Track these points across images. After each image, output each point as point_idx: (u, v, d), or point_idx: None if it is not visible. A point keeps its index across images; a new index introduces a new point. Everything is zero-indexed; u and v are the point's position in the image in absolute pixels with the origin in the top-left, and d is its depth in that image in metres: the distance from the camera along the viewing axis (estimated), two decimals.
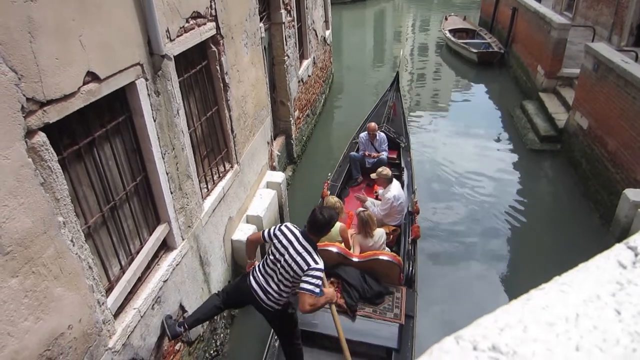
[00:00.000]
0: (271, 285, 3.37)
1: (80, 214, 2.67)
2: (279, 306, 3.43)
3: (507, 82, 12.93)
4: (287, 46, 7.38)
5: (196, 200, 4.04)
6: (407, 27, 23.34)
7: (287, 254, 3.28)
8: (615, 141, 6.58)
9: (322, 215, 3.29)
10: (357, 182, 6.75)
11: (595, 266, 0.60)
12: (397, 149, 7.12)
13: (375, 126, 6.80)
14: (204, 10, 4.04)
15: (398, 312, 4.12)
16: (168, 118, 3.49)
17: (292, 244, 3.30)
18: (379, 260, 4.29)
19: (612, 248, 0.64)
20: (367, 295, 4.21)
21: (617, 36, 11.44)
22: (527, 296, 0.56)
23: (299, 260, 3.22)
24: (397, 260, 4.36)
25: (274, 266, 3.35)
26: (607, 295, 0.55)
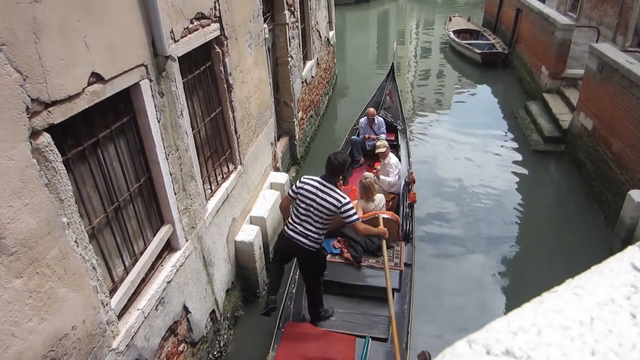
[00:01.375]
0: (309, 228, 3.87)
1: (84, 214, 2.67)
2: (318, 245, 3.96)
3: (510, 82, 12.89)
4: (291, 47, 7.38)
5: (200, 201, 4.04)
6: (411, 27, 23.34)
7: (317, 198, 3.82)
8: (620, 142, 6.54)
9: (336, 160, 3.90)
10: (359, 164, 7.36)
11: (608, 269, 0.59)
12: (394, 132, 7.79)
13: (373, 111, 7.48)
14: (208, 11, 4.05)
15: (398, 261, 4.77)
16: (172, 119, 3.49)
17: (317, 189, 3.85)
18: (379, 218, 4.73)
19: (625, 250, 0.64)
20: (369, 248, 4.84)
21: (622, 37, 11.40)
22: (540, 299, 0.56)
23: (329, 199, 3.79)
24: (395, 218, 4.94)
25: (306, 212, 3.87)
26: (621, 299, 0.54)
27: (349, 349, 3.88)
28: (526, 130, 9.41)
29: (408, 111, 11.37)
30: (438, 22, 22.33)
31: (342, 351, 3.87)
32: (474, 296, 5.48)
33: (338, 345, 3.94)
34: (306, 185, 3.90)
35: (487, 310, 5.26)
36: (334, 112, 11.34)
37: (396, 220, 4.94)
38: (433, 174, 8.22)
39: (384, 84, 9.21)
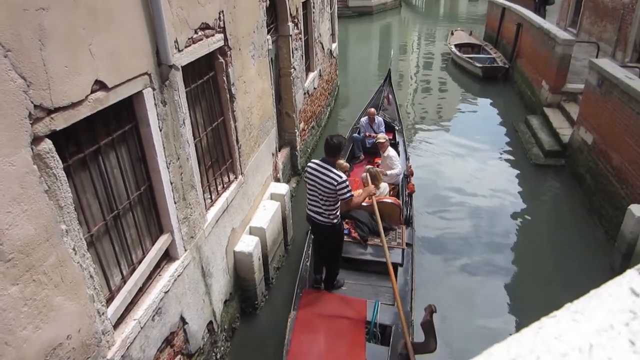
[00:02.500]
0: (320, 206, 4.41)
1: (83, 222, 2.66)
2: (335, 219, 4.46)
3: (511, 96, 12.94)
4: (294, 58, 7.42)
5: (200, 211, 4.03)
6: (413, 40, 23.50)
7: (318, 178, 4.31)
8: (619, 156, 6.55)
9: (332, 140, 4.37)
10: (359, 160, 7.81)
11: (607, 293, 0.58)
12: (392, 131, 8.32)
13: (374, 111, 8.07)
14: (212, 22, 4.07)
15: (400, 241, 5.33)
16: (174, 128, 3.50)
17: (317, 171, 4.33)
18: (383, 202, 5.39)
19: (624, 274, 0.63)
20: (375, 229, 5.21)
21: (621, 52, 11.47)
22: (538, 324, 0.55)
23: (327, 179, 4.24)
24: (397, 203, 5.60)
25: (314, 193, 4.40)
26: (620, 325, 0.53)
27: (362, 310, 4.45)
28: (527, 144, 9.43)
29: (409, 122, 11.45)
30: (440, 36, 22.50)
31: (356, 311, 4.44)
32: (472, 310, 5.45)
33: (351, 306, 4.52)
34: (310, 168, 4.42)
35: (487, 325, 5.23)
36: (336, 124, 11.37)
37: (398, 204, 5.60)
38: (433, 186, 8.22)
39: (381, 87, 9.95)
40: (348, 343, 4.15)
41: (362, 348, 4.06)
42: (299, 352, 4.07)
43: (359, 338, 4.17)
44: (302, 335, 4.23)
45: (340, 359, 4.03)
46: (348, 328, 4.29)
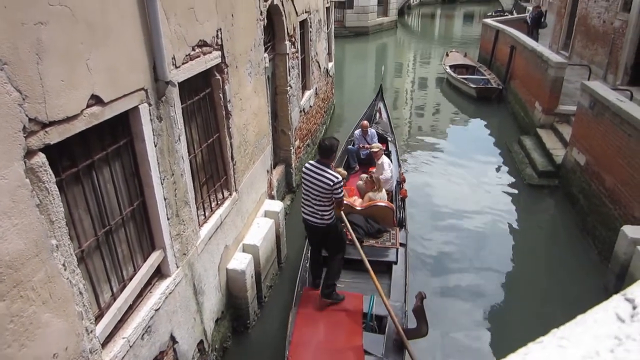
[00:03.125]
0: (314, 207, 4.50)
1: (74, 237, 2.62)
2: (329, 219, 4.55)
3: (505, 117, 13.07)
4: (290, 77, 7.47)
5: (193, 227, 4.00)
6: (409, 60, 23.80)
7: (313, 179, 4.41)
8: (612, 178, 6.59)
9: (324, 143, 4.52)
10: (354, 170, 7.98)
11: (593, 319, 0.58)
12: (385, 142, 8.64)
13: (367, 123, 8.42)
14: (210, 39, 4.10)
15: (394, 241, 5.66)
16: (169, 143, 3.49)
17: (313, 172, 4.43)
18: (377, 206, 5.81)
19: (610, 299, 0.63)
20: (370, 231, 5.67)
21: (612, 75, 11.65)
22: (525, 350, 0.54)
23: (323, 180, 4.34)
24: (390, 206, 5.91)
25: (308, 195, 4.51)
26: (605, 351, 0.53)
27: (359, 303, 4.72)
28: (520, 164, 9.48)
29: (404, 140, 11.54)
30: (435, 56, 22.80)
31: (353, 305, 4.70)
32: (460, 330, 5.40)
33: (349, 300, 4.77)
34: (306, 169, 4.52)
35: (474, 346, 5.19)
36: None
37: (391, 207, 5.93)
38: (427, 204, 8.24)
39: (374, 102, 10.40)
40: (346, 333, 4.41)
41: (359, 337, 4.33)
42: (300, 342, 4.30)
43: (356, 328, 4.44)
44: (304, 328, 4.45)
45: (339, 347, 4.27)
46: (346, 320, 4.56)
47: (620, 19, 11.52)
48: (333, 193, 4.37)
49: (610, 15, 12.16)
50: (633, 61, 10.86)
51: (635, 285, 0.65)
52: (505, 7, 35.04)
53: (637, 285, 0.64)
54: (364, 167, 7.85)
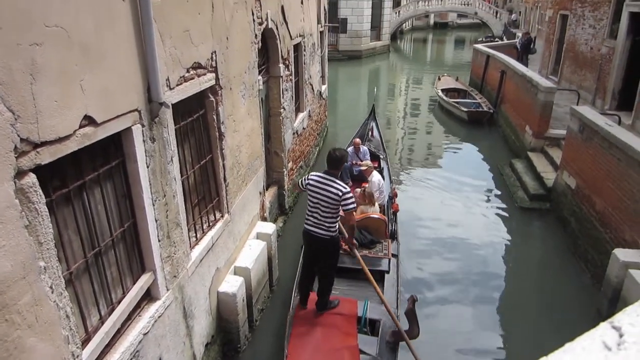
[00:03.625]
0: (319, 218, 4.47)
1: (62, 259, 2.58)
2: (333, 232, 4.54)
3: (496, 140, 13.21)
4: (284, 99, 7.52)
5: (184, 249, 3.96)
6: (401, 84, 24.12)
7: (322, 191, 4.38)
8: (603, 201, 6.64)
9: (335, 153, 4.54)
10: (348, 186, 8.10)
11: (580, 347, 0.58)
12: (377, 160, 8.97)
13: (359, 141, 8.69)
14: (204, 62, 4.14)
15: (387, 252, 5.94)
16: (161, 165, 3.48)
17: (321, 183, 4.41)
18: (371, 218, 6.04)
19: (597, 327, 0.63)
20: (363, 242, 5.90)
21: (601, 100, 11.86)
22: None
23: (332, 190, 4.33)
24: (382, 218, 6.20)
25: (315, 204, 4.45)
26: None
27: (353, 307, 4.94)
28: (512, 187, 9.55)
29: (397, 163, 11.61)
30: (427, 80, 23.14)
31: (348, 309, 4.92)
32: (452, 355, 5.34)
33: (344, 305, 4.98)
34: (312, 181, 4.48)
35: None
36: (324, 163, 11.38)
37: (384, 219, 6.21)
38: (419, 226, 8.23)
39: (366, 121, 10.86)
40: (342, 334, 4.61)
41: (354, 338, 4.54)
42: (299, 342, 4.49)
43: (351, 330, 4.65)
44: (301, 328, 4.67)
45: (336, 347, 4.47)
46: (341, 322, 4.76)
47: (607, 45, 11.80)
48: (341, 204, 4.33)
49: (598, 42, 12.46)
50: (620, 87, 11.09)
51: (621, 313, 0.65)
52: (496, 33, 35.81)
53: (623, 313, 0.64)
54: (357, 183, 7.98)
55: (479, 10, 38.84)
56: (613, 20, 11.53)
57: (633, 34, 10.51)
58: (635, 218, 5.74)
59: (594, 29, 12.82)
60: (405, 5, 40.53)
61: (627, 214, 5.94)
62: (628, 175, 6.00)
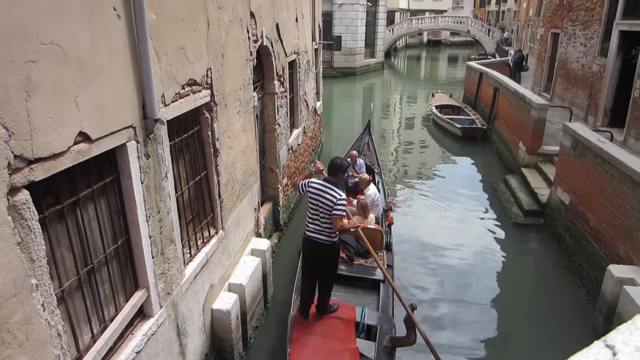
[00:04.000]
0: (319, 224, 4.62)
1: (54, 276, 2.55)
2: (334, 238, 4.69)
3: (490, 156, 13.29)
4: (279, 115, 7.56)
5: (178, 266, 3.93)
6: (395, 100, 24.31)
7: (321, 198, 4.55)
8: (596, 217, 6.67)
9: (336, 161, 4.73)
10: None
11: None
12: (372, 173, 9.00)
13: (356, 153, 8.93)
14: (200, 78, 4.16)
15: (382, 262, 5.71)
16: (156, 181, 3.47)
17: (320, 190, 4.58)
18: (367, 228, 5.92)
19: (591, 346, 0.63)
20: (359, 251, 6.10)
21: (593, 117, 11.99)
22: None
23: (328, 197, 4.49)
24: (379, 229, 6.32)
25: (315, 212, 4.61)
26: None
27: (351, 313, 5.08)
28: (506, 203, 9.58)
29: (391, 178, 11.65)
30: (420, 97, 23.34)
31: (346, 314, 5.06)
32: None
33: (343, 310, 5.13)
34: (312, 188, 4.65)
35: None
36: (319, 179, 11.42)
37: (380, 230, 6.33)
38: (413, 242, 8.22)
39: (362, 135, 11.18)
40: (342, 337, 4.76)
41: (353, 341, 4.72)
42: (300, 344, 4.64)
43: (350, 334, 4.81)
44: (302, 331, 4.83)
45: (336, 349, 4.62)
46: (341, 327, 4.91)
47: (598, 63, 11.98)
48: (333, 209, 4.46)
49: (589, 60, 12.65)
50: (612, 104, 11.23)
51: (615, 331, 0.65)
52: (488, 50, 36.30)
53: (616, 332, 0.64)
54: (352, 195, 8.00)
55: (472, 28, 39.43)
56: (603, 38, 11.72)
57: (623, 52, 10.68)
58: (628, 234, 5.77)
59: (585, 47, 13.03)
60: (398, 24, 41.11)
61: (620, 230, 5.97)
62: (621, 191, 6.04)
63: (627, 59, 10.27)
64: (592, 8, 12.54)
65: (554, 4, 16.09)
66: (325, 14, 22.21)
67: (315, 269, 4.89)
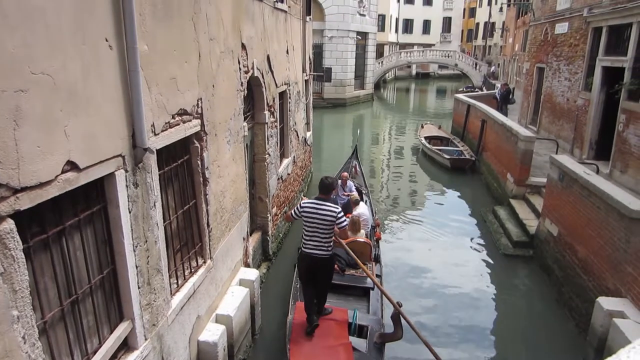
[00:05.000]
0: (318, 239, 5.06)
1: (37, 307, 2.49)
2: (330, 252, 5.16)
3: (479, 187, 13.41)
4: (269, 145, 7.60)
5: (164, 297, 3.86)
6: (385, 131, 24.58)
7: (318, 214, 4.99)
8: (584, 248, 6.71)
9: (327, 180, 5.26)
10: None
11: None
12: (360, 194, 9.53)
13: (347, 175, 9.65)
14: (190, 108, 4.19)
15: (371, 272, 6.35)
16: (144, 210, 3.45)
17: (315, 208, 5.03)
18: (357, 242, 6.57)
19: None
20: (350, 263, 6.58)
21: (579, 149, 12.20)
22: None
23: (328, 213, 4.98)
24: (368, 242, 6.88)
25: (313, 229, 5.04)
26: None
27: (344, 315, 5.62)
28: (495, 234, 9.61)
29: (380, 205, 11.69)
30: (410, 128, 23.65)
31: (340, 316, 5.60)
32: None
33: (336, 313, 5.66)
34: (307, 208, 5.06)
35: None
36: None
37: (369, 243, 6.88)
38: (402, 273, 8.17)
39: (349, 159, 12.13)
40: (336, 335, 5.28)
41: (346, 337, 5.25)
42: (299, 341, 5.15)
43: (343, 332, 5.34)
44: (300, 331, 5.29)
45: (332, 344, 5.13)
46: (335, 326, 5.41)
47: (582, 97, 12.28)
48: (336, 223, 4.97)
49: (573, 94, 12.96)
50: (597, 137, 11.45)
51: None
52: (476, 83, 37.09)
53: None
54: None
55: (459, 62, 40.36)
56: (587, 73, 12.03)
57: (607, 87, 10.96)
58: (616, 266, 5.80)
59: (569, 81, 13.37)
60: (388, 56, 41.97)
61: (608, 262, 6.00)
62: (607, 223, 6.10)
63: (610, 93, 10.53)
64: (576, 44, 12.93)
65: (538, 39, 16.59)
66: (315, 46, 22.68)
67: (314, 281, 5.32)
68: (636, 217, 5.47)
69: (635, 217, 5.48)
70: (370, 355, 5.08)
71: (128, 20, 3.03)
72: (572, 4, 13.39)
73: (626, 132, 9.53)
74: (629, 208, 5.56)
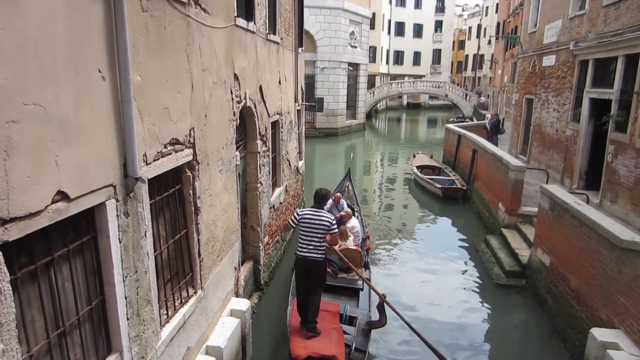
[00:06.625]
0: (314, 244, 5.66)
1: (23, 340, 2.44)
2: (323, 255, 5.74)
3: (471, 216, 13.44)
4: (261, 174, 7.62)
5: (154, 328, 3.78)
6: (377, 160, 24.74)
7: (315, 221, 5.65)
8: (577, 279, 6.69)
9: (321, 192, 6.01)
10: None
11: None
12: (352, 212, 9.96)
13: (340, 195, 10.17)
14: (182, 138, 4.21)
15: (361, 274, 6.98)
16: (134, 240, 3.42)
17: (313, 216, 5.69)
18: (349, 249, 7.59)
19: None
20: (342, 267, 7.37)
21: (569, 179, 12.33)
22: None
23: (324, 219, 5.66)
24: (358, 249, 7.82)
25: (309, 233, 5.66)
26: None
27: (336, 308, 6.48)
28: (488, 263, 9.59)
29: (372, 237, 11.59)
30: (402, 157, 23.83)
31: (332, 307, 6.44)
32: None
33: (329, 306, 6.44)
34: (304, 216, 5.70)
35: None
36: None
37: (359, 251, 7.82)
38: (393, 304, 8.03)
39: (343, 181, 12.91)
40: (329, 322, 6.06)
41: (338, 324, 6.12)
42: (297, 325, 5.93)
43: (335, 320, 6.19)
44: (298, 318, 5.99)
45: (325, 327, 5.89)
46: (327, 316, 6.16)
47: (571, 128, 12.49)
48: (330, 230, 5.61)
49: (562, 125, 13.19)
50: (586, 167, 11.60)
51: None
52: (466, 114, 37.67)
53: None
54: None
55: (450, 92, 41.08)
56: (575, 105, 12.28)
57: (595, 118, 11.16)
58: (609, 297, 5.78)
59: (558, 112, 13.62)
60: (379, 87, 42.66)
61: (601, 292, 5.99)
62: (599, 253, 6.12)
63: (599, 124, 10.72)
64: (563, 77, 13.24)
65: (527, 71, 16.98)
66: (308, 76, 23.04)
67: (308, 282, 5.76)
68: (627, 247, 5.49)
69: (626, 247, 5.50)
70: (358, 338, 5.91)
71: (121, 51, 3.07)
72: (558, 38, 13.78)
73: (615, 163, 9.67)
74: (619, 238, 5.59)
